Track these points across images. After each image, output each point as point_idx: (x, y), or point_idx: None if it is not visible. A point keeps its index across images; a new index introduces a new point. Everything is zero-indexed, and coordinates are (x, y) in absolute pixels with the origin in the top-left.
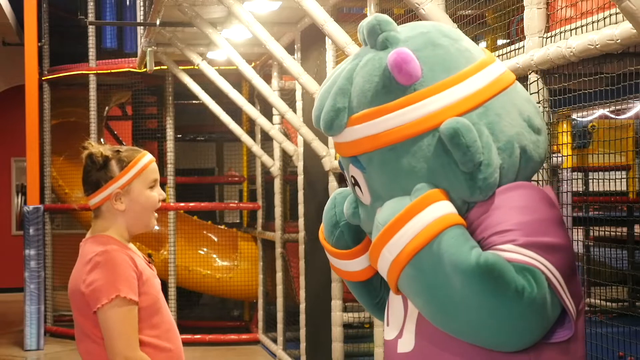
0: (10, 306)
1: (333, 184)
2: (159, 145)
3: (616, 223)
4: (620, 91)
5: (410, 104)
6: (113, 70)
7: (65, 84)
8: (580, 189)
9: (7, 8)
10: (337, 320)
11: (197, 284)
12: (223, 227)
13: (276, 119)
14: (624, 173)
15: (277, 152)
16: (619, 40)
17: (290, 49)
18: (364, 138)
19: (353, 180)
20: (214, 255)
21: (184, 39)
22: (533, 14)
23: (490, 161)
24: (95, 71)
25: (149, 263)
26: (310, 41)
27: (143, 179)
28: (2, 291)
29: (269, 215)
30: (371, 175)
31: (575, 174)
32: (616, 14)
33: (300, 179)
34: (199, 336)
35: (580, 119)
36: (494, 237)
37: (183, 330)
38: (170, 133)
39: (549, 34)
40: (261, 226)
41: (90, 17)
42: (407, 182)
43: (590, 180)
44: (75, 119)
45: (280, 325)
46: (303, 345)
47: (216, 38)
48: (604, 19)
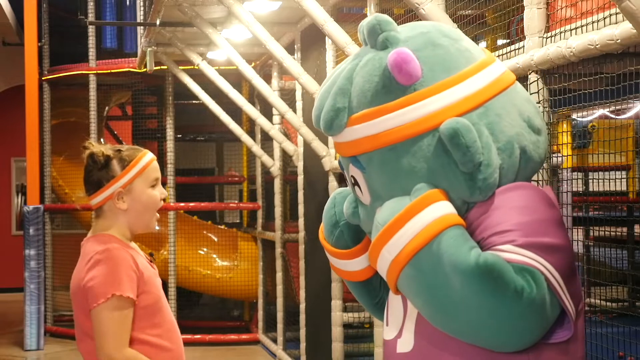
0: (10, 306)
1: (333, 184)
2: (159, 145)
3: (616, 223)
4: (620, 91)
5: (410, 104)
6: (113, 70)
7: (65, 84)
8: (580, 189)
9: (7, 8)
10: (337, 320)
11: (197, 284)
12: (223, 227)
13: (276, 119)
14: (624, 173)
15: (277, 152)
16: (619, 40)
17: (290, 49)
18: (364, 138)
19: (353, 180)
20: (214, 255)
21: (184, 39)
22: (533, 14)
23: (490, 161)
24: (95, 71)
25: (151, 262)
26: (310, 41)
27: (145, 178)
28: (2, 291)
29: (269, 215)
30: (371, 175)
31: (575, 174)
32: (616, 14)
33: (300, 179)
34: (199, 336)
35: (580, 119)
36: (494, 238)
37: (183, 330)
38: (170, 133)
39: (549, 34)
40: (261, 226)
41: (90, 17)
42: (407, 182)
43: (590, 180)
44: (75, 119)
45: (280, 325)
46: (303, 345)
47: (216, 38)
48: (604, 19)
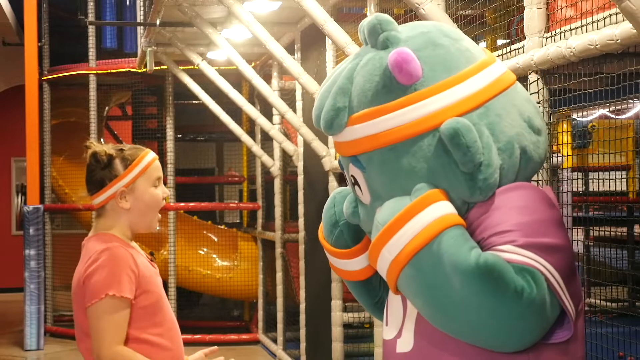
0: (10, 306)
1: (333, 184)
2: (159, 145)
3: (616, 223)
4: (620, 91)
5: (410, 103)
6: (113, 70)
7: (65, 84)
8: (580, 189)
9: (7, 8)
10: (337, 320)
11: (197, 284)
12: (223, 227)
13: (276, 119)
14: (624, 173)
15: (277, 152)
16: (619, 40)
17: (290, 49)
18: (364, 137)
19: (353, 179)
20: (214, 255)
21: (184, 39)
22: (533, 14)
23: (491, 162)
24: (95, 71)
25: (151, 261)
26: (310, 41)
27: (147, 177)
28: (2, 291)
29: (269, 215)
30: (371, 175)
31: (575, 174)
32: (616, 14)
33: (300, 179)
34: (199, 336)
35: (580, 119)
36: (494, 238)
37: (183, 330)
38: (170, 133)
39: (549, 34)
40: (261, 226)
41: (90, 17)
42: (407, 182)
43: (590, 180)
44: (75, 119)
45: (280, 325)
46: (303, 345)
47: (216, 38)
48: (604, 19)
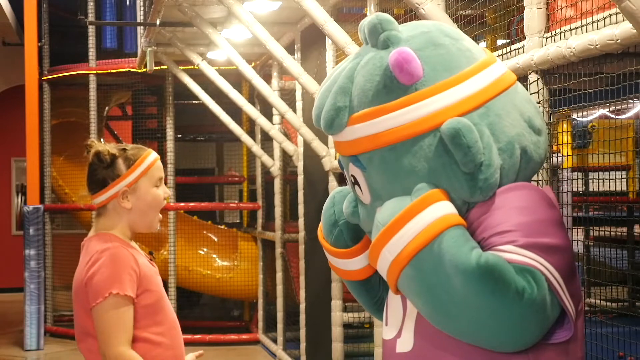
0: (10, 306)
1: (333, 184)
2: (159, 145)
3: (616, 223)
4: (620, 91)
5: (411, 103)
6: (113, 70)
7: (65, 84)
8: (580, 189)
9: (7, 8)
10: (337, 320)
11: (197, 284)
12: (223, 227)
13: (276, 119)
14: (624, 173)
15: (277, 152)
16: (619, 40)
17: (290, 49)
18: (365, 137)
19: (353, 179)
20: (214, 255)
21: (184, 39)
22: (533, 14)
23: (491, 162)
24: (95, 71)
25: (151, 261)
26: (310, 41)
27: (149, 177)
28: (2, 291)
29: (269, 215)
30: (371, 175)
31: (575, 174)
32: (616, 14)
33: (300, 179)
34: (199, 336)
35: (580, 119)
36: (494, 238)
37: (183, 330)
38: (170, 133)
39: (549, 34)
40: (261, 226)
41: (90, 17)
42: (408, 182)
43: (590, 180)
44: (75, 119)
45: (280, 325)
46: (303, 345)
47: (216, 38)
48: (604, 19)
